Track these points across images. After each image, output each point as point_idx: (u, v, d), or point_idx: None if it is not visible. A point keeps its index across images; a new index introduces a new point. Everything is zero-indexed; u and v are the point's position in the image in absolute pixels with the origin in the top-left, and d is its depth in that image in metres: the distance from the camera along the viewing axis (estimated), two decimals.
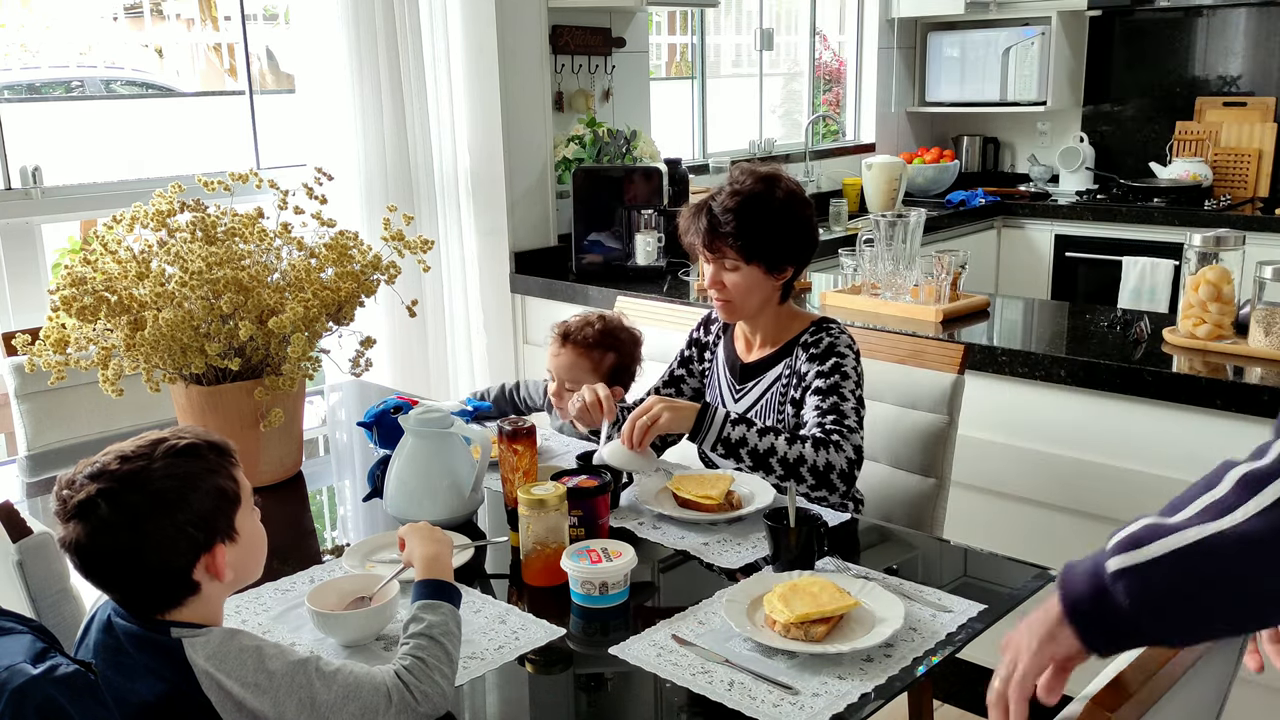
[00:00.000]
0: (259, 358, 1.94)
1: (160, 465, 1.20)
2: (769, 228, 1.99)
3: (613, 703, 1.41)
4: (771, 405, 2.07)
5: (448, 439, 1.86)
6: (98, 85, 3.35)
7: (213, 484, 1.23)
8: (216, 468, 1.24)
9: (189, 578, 1.21)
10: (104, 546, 1.17)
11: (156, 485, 1.18)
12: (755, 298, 2.04)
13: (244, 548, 1.26)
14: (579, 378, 2.19)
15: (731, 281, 2.03)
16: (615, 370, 2.26)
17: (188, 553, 1.20)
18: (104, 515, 1.16)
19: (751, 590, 1.55)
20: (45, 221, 2.95)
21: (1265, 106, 4.46)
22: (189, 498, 1.20)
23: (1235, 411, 2.20)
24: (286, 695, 1.17)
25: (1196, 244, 2.44)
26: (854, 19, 5.07)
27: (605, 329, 2.26)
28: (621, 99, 3.86)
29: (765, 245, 1.99)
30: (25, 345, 1.96)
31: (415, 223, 3.12)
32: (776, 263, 2.02)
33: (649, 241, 3.42)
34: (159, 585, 1.20)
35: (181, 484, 1.20)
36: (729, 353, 2.18)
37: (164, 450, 1.21)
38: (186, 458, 1.22)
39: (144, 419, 2.49)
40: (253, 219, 2.03)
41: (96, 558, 1.18)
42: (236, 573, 1.26)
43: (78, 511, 1.17)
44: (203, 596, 1.23)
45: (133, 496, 1.17)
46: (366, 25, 3.14)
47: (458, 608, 1.37)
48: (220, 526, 1.23)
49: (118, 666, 1.20)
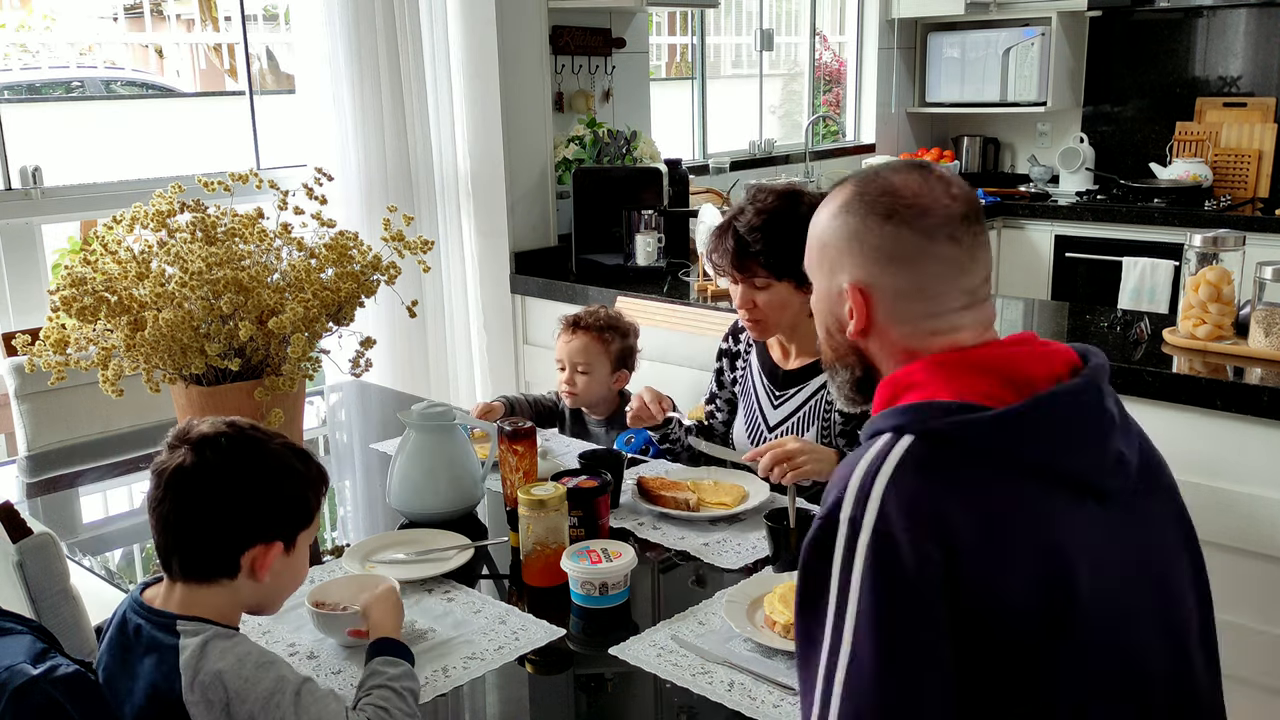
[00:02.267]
0: (259, 358, 1.94)
1: (278, 448, 1.28)
2: (795, 243, 1.93)
3: (613, 703, 1.41)
4: (817, 412, 2.04)
5: (450, 433, 1.89)
6: (98, 85, 3.35)
7: (303, 492, 1.29)
8: (312, 484, 1.31)
9: (236, 558, 1.24)
10: (198, 480, 1.22)
11: (269, 459, 1.26)
12: (786, 314, 2.01)
13: (289, 567, 1.29)
14: (592, 360, 2.32)
15: (763, 301, 1.99)
16: (621, 354, 2.38)
17: (251, 530, 1.24)
18: (217, 452, 1.23)
19: (751, 590, 1.55)
20: (45, 222, 2.94)
21: (1265, 107, 4.46)
22: (283, 485, 1.26)
23: (1235, 412, 2.20)
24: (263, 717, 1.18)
25: (1196, 244, 2.44)
26: (854, 19, 5.07)
27: (609, 316, 2.40)
28: (621, 99, 3.86)
29: (794, 260, 1.94)
30: (25, 345, 1.96)
31: (415, 223, 3.12)
32: (806, 277, 1.98)
33: (649, 242, 3.42)
34: (211, 546, 1.23)
35: (284, 471, 1.27)
36: (764, 360, 2.15)
37: (285, 441, 1.30)
38: (298, 458, 1.30)
39: (144, 419, 2.49)
40: (253, 219, 2.03)
41: (184, 488, 1.22)
42: (269, 587, 1.28)
43: (198, 440, 1.24)
44: (230, 589, 1.25)
45: (248, 451, 1.25)
46: (366, 25, 3.13)
47: (412, 668, 1.34)
48: (286, 529, 1.27)
49: (124, 664, 1.22)
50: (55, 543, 1.48)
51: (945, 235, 1.12)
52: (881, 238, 1.14)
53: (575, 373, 2.34)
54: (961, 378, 1.08)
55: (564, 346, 2.35)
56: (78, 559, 1.81)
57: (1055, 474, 1.03)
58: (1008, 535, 0.99)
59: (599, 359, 2.33)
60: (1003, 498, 1.01)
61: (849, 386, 1.24)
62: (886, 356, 1.17)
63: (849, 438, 2.01)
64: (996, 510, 1.00)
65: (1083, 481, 1.05)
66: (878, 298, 1.15)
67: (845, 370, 1.23)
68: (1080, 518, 1.03)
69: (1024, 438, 1.03)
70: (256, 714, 1.17)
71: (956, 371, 1.09)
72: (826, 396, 2.02)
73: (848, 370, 1.23)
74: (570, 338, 2.35)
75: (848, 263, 1.17)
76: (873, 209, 1.15)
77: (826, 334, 1.24)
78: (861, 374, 1.22)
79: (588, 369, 2.32)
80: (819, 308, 1.24)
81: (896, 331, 1.15)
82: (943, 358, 1.11)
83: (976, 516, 0.99)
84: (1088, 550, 1.02)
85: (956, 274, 1.13)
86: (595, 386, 2.35)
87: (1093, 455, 1.06)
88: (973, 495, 1.00)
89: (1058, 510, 1.02)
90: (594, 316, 2.38)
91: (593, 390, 2.35)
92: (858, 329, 1.17)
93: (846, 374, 1.24)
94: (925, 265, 1.13)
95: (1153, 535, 1.11)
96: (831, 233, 1.19)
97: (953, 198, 1.14)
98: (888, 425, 1.06)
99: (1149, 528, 1.11)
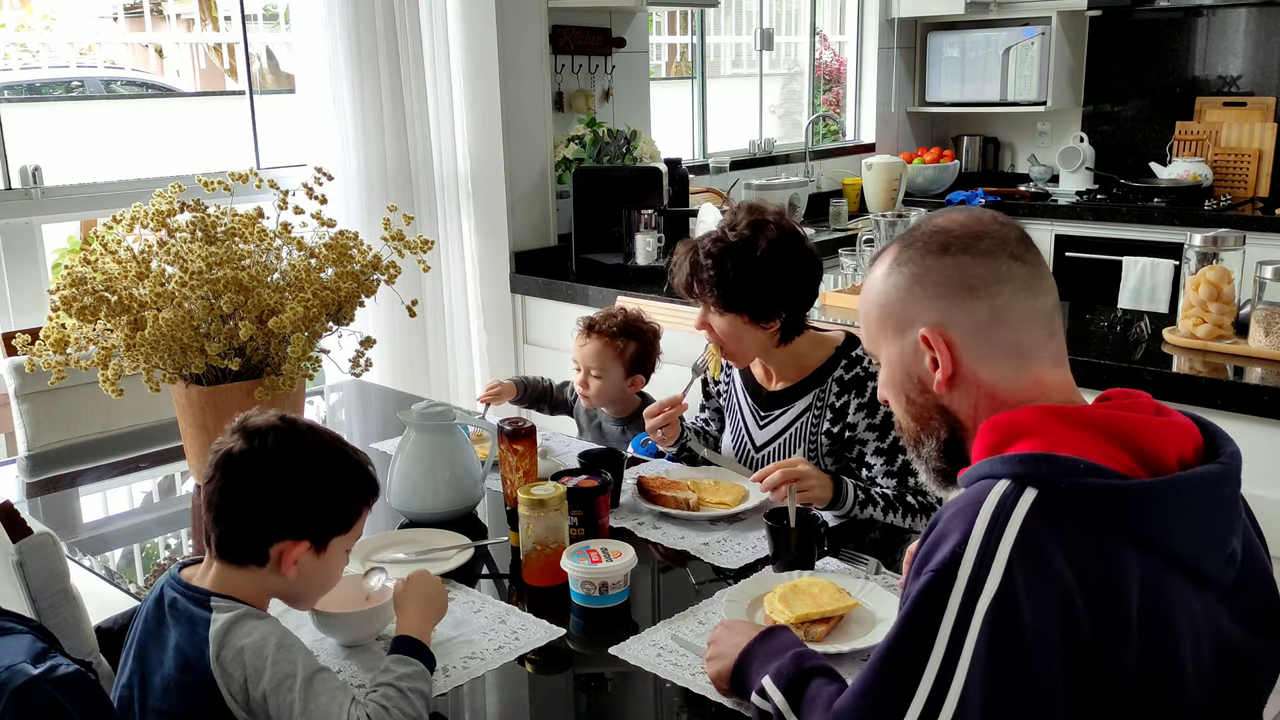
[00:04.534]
0: (259, 358, 1.94)
1: (327, 449, 1.32)
2: (749, 280, 1.90)
3: (613, 703, 1.41)
4: (802, 435, 2.01)
5: (450, 433, 1.89)
6: (98, 85, 3.35)
7: (342, 497, 1.32)
8: (355, 492, 1.33)
9: (265, 547, 1.27)
10: (243, 466, 1.27)
11: (314, 459, 1.30)
12: (745, 344, 1.97)
13: (319, 568, 1.32)
14: (605, 365, 2.34)
15: (718, 326, 1.96)
16: (636, 358, 2.37)
17: (281, 524, 1.27)
18: (266, 443, 1.27)
19: (751, 590, 1.55)
20: (45, 221, 2.94)
21: (1265, 106, 4.46)
22: (321, 487, 1.29)
23: (1235, 411, 2.20)
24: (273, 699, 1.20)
25: (1196, 244, 2.44)
26: (854, 19, 5.07)
27: (627, 320, 2.39)
28: (621, 99, 3.86)
29: (745, 296, 1.91)
30: (25, 345, 1.96)
31: (415, 223, 3.12)
32: (761, 313, 1.92)
33: (649, 241, 3.42)
34: (244, 531, 1.27)
35: (326, 474, 1.30)
36: (748, 379, 2.12)
37: (339, 444, 1.34)
38: (347, 465, 1.32)
39: (144, 419, 2.49)
40: (253, 219, 2.03)
41: (230, 472, 1.27)
42: (297, 583, 1.31)
43: (254, 429, 1.28)
44: (259, 575, 1.29)
45: (295, 447, 1.29)
46: (366, 26, 3.13)
47: (431, 672, 1.34)
48: (319, 531, 1.30)
49: (157, 635, 1.27)
50: (55, 543, 1.48)
51: (1007, 254, 1.08)
52: (943, 271, 1.09)
53: (589, 375, 2.35)
54: (1080, 434, 1.01)
55: (578, 349, 2.37)
56: (78, 559, 1.81)
57: (1172, 555, 0.98)
58: (1129, 614, 0.95)
59: (612, 364, 2.33)
60: (1127, 573, 0.96)
61: (937, 455, 1.15)
62: (975, 407, 1.10)
63: (836, 457, 2.00)
64: (1120, 587, 0.95)
65: (1195, 571, 1.00)
66: (958, 336, 1.08)
67: (930, 439, 1.15)
68: (1192, 602, 1.00)
69: (1157, 515, 0.97)
70: (268, 694, 1.20)
71: (1075, 426, 1.02)
72: (813, 418, 2.00)
73: (933, 438, 1.14)
74: (585, 341, 2.36)
75: (915, 312, 1.11)
76: (927, 250, 1.10)
77: (907, 402, 1.15)
78: (949, 435, 1.13)
79: (600, 373, 2.34)
80: (893, 378, 1.16)
81: (985, 372, 1.08)
82: (1056, 409, 1.04)
83: (1100, 592, 0.94)
84: (1195, 635, 0.99)
85: (1028, 294, 1.08)
86: (608, 390, 2.36)
87: (1214, 547, 1.01)
88: (1098, 569, 0.95)
89: (1174, 591, 0.98)
90: (609, 321, 2.37)
91: (606, 393, 2.36)
92: (944, 376, 1.09)
93: (933, 442, 1.15)
94: (996, 288, 1.07)
95: (1240, 629, 1.06)
96: (889, 291, 1.13)
97: (1001, 224, 1.11)
98: (1005, 472, 0.99)
99: (1239, 620, 1.06)
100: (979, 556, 0.95)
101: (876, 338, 1.17)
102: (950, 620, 0.95)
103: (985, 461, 1.03)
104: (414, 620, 1.38)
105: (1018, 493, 0.97)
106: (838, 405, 1.98)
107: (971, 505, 0.98)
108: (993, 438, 1.06)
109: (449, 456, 1.87)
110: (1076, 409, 1.05)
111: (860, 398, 1.96)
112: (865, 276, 1.17)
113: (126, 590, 1.73)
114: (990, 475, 1.01)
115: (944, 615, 0.95)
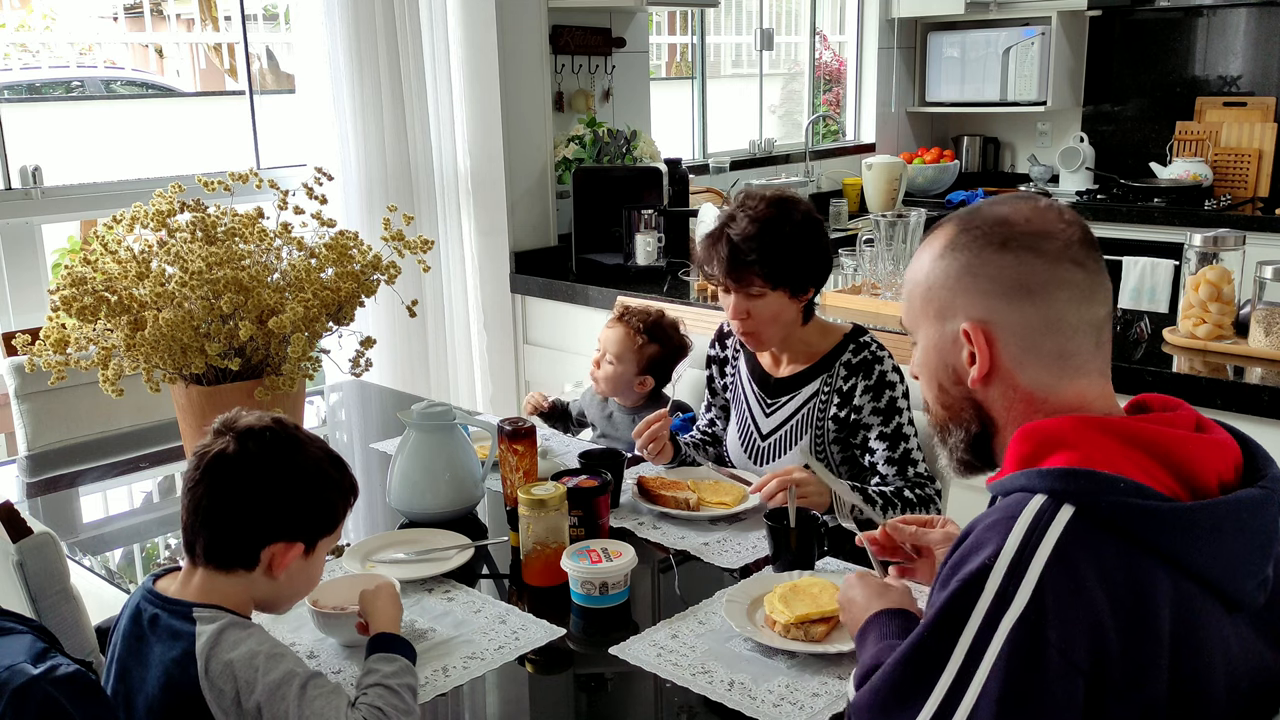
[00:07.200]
0: (259, 358, 1.94)
1: (316, 450, 1.31)
2: (791, 251, 1.93)
3: (613, 703, 1.41)
4: (809, 421, 2.02)
5: (450, 433, 1.90)
6: (98, 85, 3.35)
7: (332, 499, 1.32)
8: (343, 493, 1.33)
9: (257, 551, 1.26)
10: (236, 469, 1.25)
11: (307, 461, 1.29)
12: (780, 323, 1.99)
13: (304, 570, 1.31)
14: (621, 353, 2.36)
15: (757, 310, 1.96)
16: (653, 362, 2.39)
17: (276, 527, 1.26)
18: (259, 445, 1.26)
19: (751, 590, 1.55)
20: (45, 221, 2.94)
21: (1265, 106, 4.46)
22: (315, 489, 1.29)
23: (1236, 411, 2.20)
24: (268, 710, 1.19)
25: (1196, 244, 2.44)
26: (854, 19, 5.07)
27: (657, 323, 2.40)
28: (621, 99, 3.86)
29: (789, 269, 1.93)
30: (25, 345, 1.96)
31: (415, 223, 3.12)
32: (801, 285, 1.96)
33: (649, 241, 3.42)
34: (235, 535, 1.25)
35: (318, 475, 1.30)
36: (753, 366, 2.12)
37: (324, 448, 1.33)
38: (334, 465, 1.32)
39: (144, 419, 2.49)
40: (253, 219, 2.03)
41: (221, 475, 1.25)
42: (283, 586, 1.30)
43: (243, 431, 1.27)
44: (246, 581, 1.27)
45: (288, 449, 1.28)
46: (366, 25, 3.13)
47: (414, 664, 1.34)
48: (310, 532, 1.29)
49: (138, 654, 1.24)
50: (55, 542, 1.48)
51: (1069, 259, 1.04)
52: (1000, 268, 1.04)
53: (604, 359, 2.39)
54: (1120, 448, 0.98)
55: (605, 330, 2.41)
56: (78, 559, 1.81)
57: (1205, 579, 0.96)
58: (1160, 637, 0.93)
59: (628, 355, 2.35)
60: (1159, 595, 0.93)
61: (963, 447, 1.12)
62: (1009, 408, 1.07)
63: (842, 445, 2.00)
64: (1152, 609, 0.93)
65: (1227, 595, 0.98)
66: (1002, 336, 1.05)
67: (959, 429, 1.12)
68: (1223, 625, 0.97)
69: (1194, 540, 0.94)
70: (263, 704, 1.19)
71: (1115, 440, 0.99)
72: (819, 404, 2.01)
73: (962, 429, 1.12)
74: (613, 325, 2.40)
75: (962, 303, 1.07)
76: (987, 240, 1.06)
77: (939, 389, 1.13)
78: (979, 430, 1.10)
79: (615, 360, 2.36)
80: (928, 361, 1.13)
81: (1024, 376, 1.05)
82: (1096, 420, 1.01)
83: (1132, 614, 0.92)
84: (1225, 658, 0.97)
85: (1083, 302, 1.04)
86: (617, 379, 2.38)
87: (1249, 573, 0.99)
88: (1131, 590, 0.92)
89: (1205, 614, 0.96)
90: (641, 315, 2.40)
91: (614, 380, 2.38)
92: (980, 374, 1.06)
93: (961, 433, 1.12)
94: (1052, 293, 1.03)
95: (1271, 651, 1.03)
96: (939, 274, 1.09)
97: (1067, 222, 1.06)
98: (1042, 486, 0.97)
99: (1269, 643, 1.03)
100: (1010, 571, 0.93)
101: (918, 317, 1.14)
102: (972, 631, 0.93)
103: (1022, 473, 1.01)
104: (385, 618, 1.39)
105: (1054, 509, 0.95)
106: (845, 389, 1.99)
107: (1006, 519, 0.96)
108: (1027, 448, 1.03)
109: (449, 456, 1.88)
110: (1116, 421, 1.02)
111: (867, 380, 1.97)
112: (917, 250, 1.13)
113: (126, 590, 1.73)
114: (1026, 488, 0.98)
115: (966, 625, 0.94)
